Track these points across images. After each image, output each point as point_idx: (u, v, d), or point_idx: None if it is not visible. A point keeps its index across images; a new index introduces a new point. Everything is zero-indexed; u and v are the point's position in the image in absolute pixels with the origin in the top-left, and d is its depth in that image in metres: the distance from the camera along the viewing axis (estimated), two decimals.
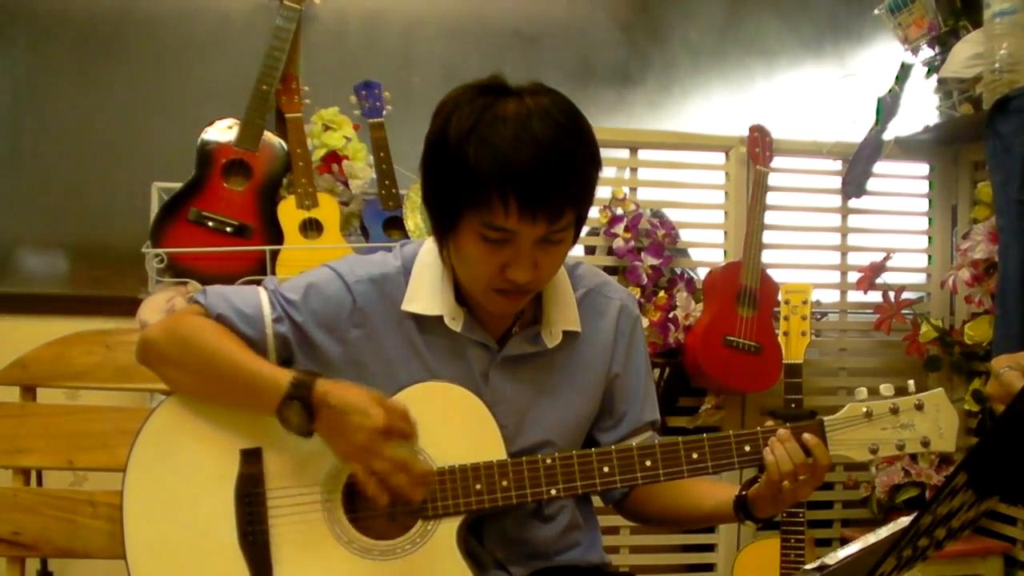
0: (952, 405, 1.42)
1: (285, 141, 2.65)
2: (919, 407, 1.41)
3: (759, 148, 2.86)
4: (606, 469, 1.42)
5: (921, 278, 3.08)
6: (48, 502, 1.71)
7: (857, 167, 2.94)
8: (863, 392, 1.44)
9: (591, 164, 1.35)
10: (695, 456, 1.42)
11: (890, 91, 2.94)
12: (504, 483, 1.41)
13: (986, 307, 2.70)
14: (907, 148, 3.01)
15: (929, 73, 2.96)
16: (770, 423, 1.45)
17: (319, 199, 2.58)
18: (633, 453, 1.43)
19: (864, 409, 1.41)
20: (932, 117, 2.97)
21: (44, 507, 1.70)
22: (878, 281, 2.90)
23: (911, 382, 1.43)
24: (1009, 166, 2.49)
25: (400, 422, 1.36)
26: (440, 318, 1.45)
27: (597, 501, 1.61)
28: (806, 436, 1.39)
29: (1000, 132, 2.50)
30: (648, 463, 1.42)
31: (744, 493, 1.45)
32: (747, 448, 1.42)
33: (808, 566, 1.19)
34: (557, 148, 1.29)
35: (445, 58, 2.99)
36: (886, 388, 1.43)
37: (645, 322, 2.67)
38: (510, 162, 1.27)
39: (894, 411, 1.41)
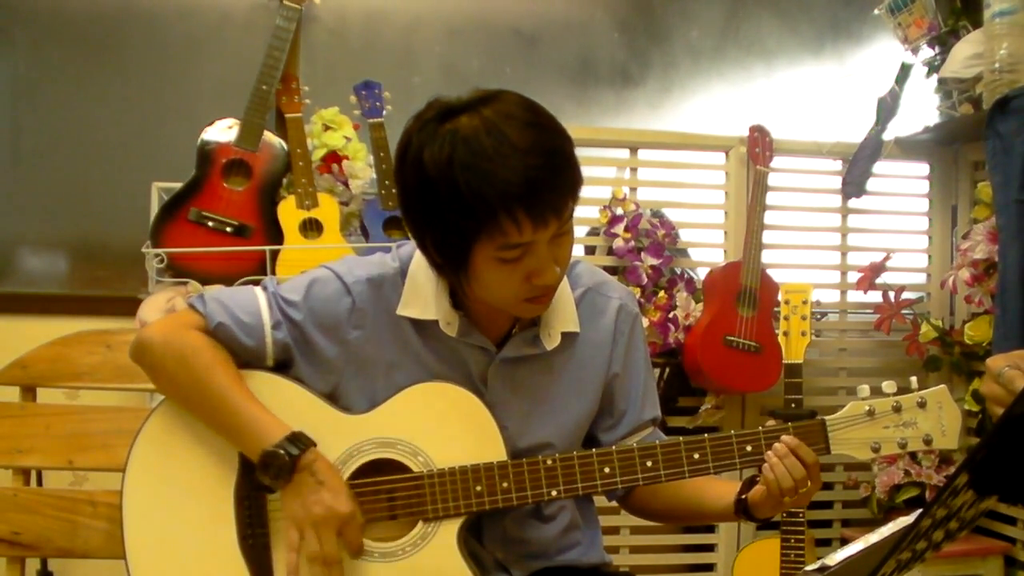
0: (955, 403, 1.42)
1: (285, 141, 2.65)
2: (922, 405, 1.40)
3: (759, 148, 2.86)
4: (607, 470, 1.42)
5: (921, 278, 3.08)
6: (48, 502, 1.71)
7: (857, 167, 2.94)
8: (865, 390, 1.43)
9: (568, 145, 1.33)
10: (696, 456, 1.42)
11: (890, 91, 2.94)
12: (504, 484, 1.41)
13: (986, 307, 2.70)
14: (907, 148, 3.01)
15: (929, 73, 2.96)
16: (771, 423, 1.45)
17: (319, 199, 2.58)
18: (634, 454, 1.43)
19: (866, 407, 1.41)
20: (932, 117, 2.97)
21: (44, 507, 1.70)
22: (878, 281, 2.90)
23: (913, 379, 1.42)
24: (1009, 166, 2.49)
25: (356, 534, 1.38)
26: (436, 322, 1.45)
27: (598, 500, 1.61)
28: (786, 439, 1.39)
29: (1000, 132, 2.50)
30: (649, 464, 1.42)
31: (744, 497, 1.45)
32: (748, 448, 1.41)
33: (809, 567, 1.18)
34: (537, 148, 1.27)
35: (445, 58, 2.99)
36: (888, 386, 1.42)
37: (645, 321, 2.67)
38: (504, 179, 1.25)
39: (896, 409, 1.41)
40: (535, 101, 1.34)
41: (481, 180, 1.25)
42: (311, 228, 2.55)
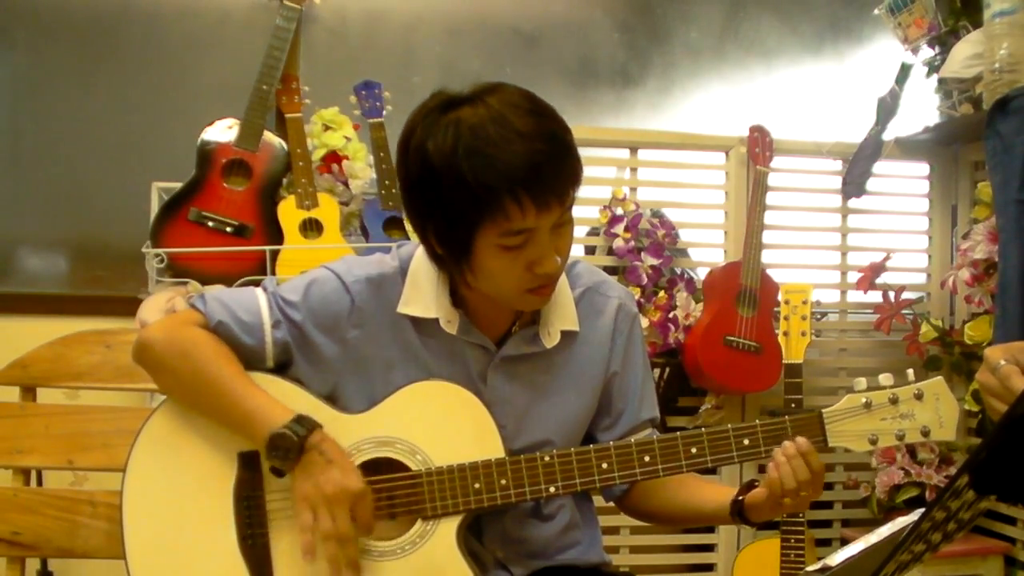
0: (952, 394, 1.42)
1: (285, 141, 2.65)
2: (919, 396, 1.40)
3: (759, 148, 2.86)
4: (604, 466, 1.42)
5: (921, 278, 3.08)
6: (48, 502, 1.71)
7: (857, 167, 2.94)
8: (862, 383, 1.43)
9: (568, 135, 1.36)
10: (694, 451, 1.42)
11: (890, 91, 2.94)
12: (503, 481, 1.41)
13: (986, 307, 2.70)
14: (907, 148, 3.01)
15: (929, 73, 2.96)
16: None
17: (319, 199, 2.58)
18: (632, 449, 1.43)
19: (863, 400, 1.41)
20: (932, 117, 2.97)
21: (44, 507, 1.70)
22: (878, 281, 2.90)
23: (910, 371, 1.42)
24: (1009, 166, 2.49)
25: (368, 512, 1.38)
26: (436, 320, 1.45)
27: (598, 500, 1.61)
28: (800, 440, 1.38)
29: (1000, 132, 2.50)
30: (647, 459, 1.42)
31: (741, 499, 1.45)
32: (746, 442, 1.42)
33: (809, 567, 1.18)
34: (541, 134, 1.30)
35: (445, 58, 2.99)
36: (885, 378, 1.42)
37: (645, 322, 2.67)
38: (508, 163, 1.27)
39: (893, 401, 1.41)
40: (534, 93, 1.36)
41: (486, 165, 1.27)
42: (311, 228, 2.56)
